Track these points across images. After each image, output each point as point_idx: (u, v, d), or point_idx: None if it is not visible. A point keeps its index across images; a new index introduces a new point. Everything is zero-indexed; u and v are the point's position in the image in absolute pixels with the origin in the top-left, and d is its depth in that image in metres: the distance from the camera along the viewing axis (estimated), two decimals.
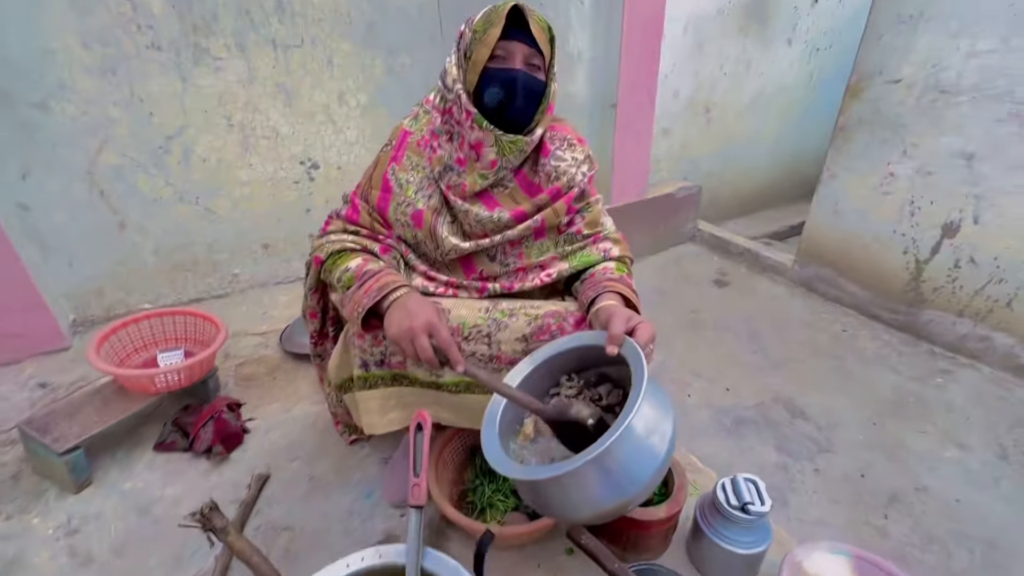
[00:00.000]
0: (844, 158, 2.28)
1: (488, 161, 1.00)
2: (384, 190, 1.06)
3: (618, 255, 1.12)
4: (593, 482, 0.71)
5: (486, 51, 0.94)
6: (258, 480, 1.29)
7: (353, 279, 0.98)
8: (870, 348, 2.12)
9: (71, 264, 1.77)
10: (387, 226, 1.09)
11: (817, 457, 1.59)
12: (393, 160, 1.06)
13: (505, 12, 0.93)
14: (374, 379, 1.09)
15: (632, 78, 2.50)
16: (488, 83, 0.96)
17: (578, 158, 1.09)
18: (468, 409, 1.11)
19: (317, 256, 1.06)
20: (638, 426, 0.72)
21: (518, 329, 1.02)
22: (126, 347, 1.49)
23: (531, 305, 1.05)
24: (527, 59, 0.97)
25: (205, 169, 1.87)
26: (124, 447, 1.41)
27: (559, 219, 1.08)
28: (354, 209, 1.09)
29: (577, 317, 1.03)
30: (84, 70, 1.59)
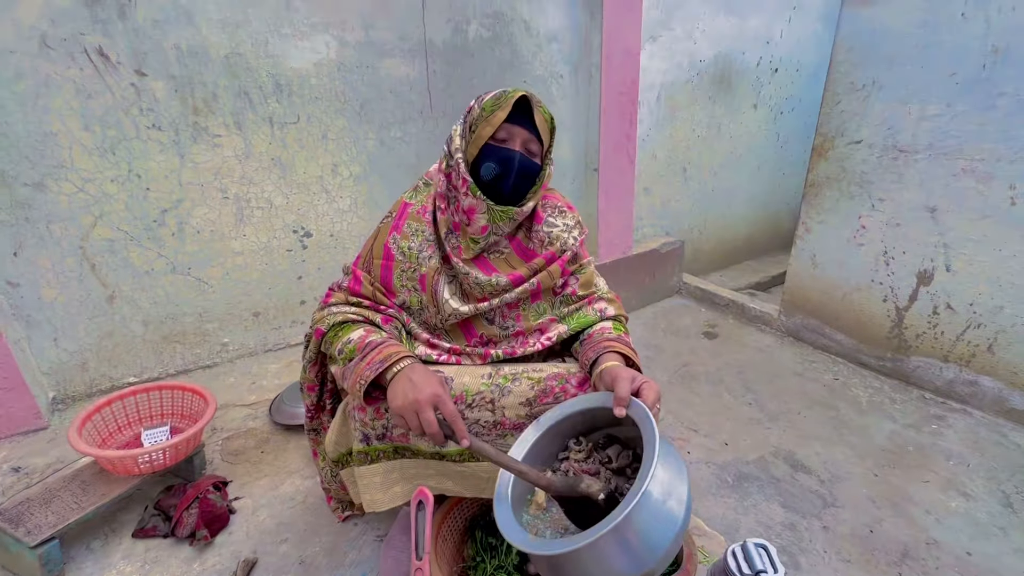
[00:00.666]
0: (817, 212, 2.39)
1: (479, 227, 1.05)
2: (386, 258, 1.08)
3: (613, 314, 1.15)
4: (612, 553, 0.69)
5: (490, 129, 1.00)
6: (244, 567, 1.22)
7: (355, 351, 0.98)
8: (863, 396, 2.13)
9: (56, 339, 1.73)
10: (390, 295, 1.09)
11: (823, 513, 1.55)
12: (394, 230, 1.09)
13: (514, 100, 1.00)
14: (375, 453, 1.06)
15: (612, 143, 2.64)
16: (487, 158, 1.02)
17: (569, 224, 1.14)
18: (474, 478, 1.09)
19: (318, 328, 1.06)
20: (655, 491, 0.71)
21: (521, 393, 1.02)
22: (109, 426, 1.43)
23: (533, 368, 1.06)
24: (526, 143, 1.04)
25: (199, 240, 1.89)
26: (100, 535, 1.32)
27: (554, 281, 1.12)
28: (356, 280, 1.10)
29: (579, 378, 1.04)
30: (83, 150, 1.63)
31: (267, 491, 1.49)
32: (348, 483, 1.15)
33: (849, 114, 2.18)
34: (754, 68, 3.38)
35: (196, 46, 1.71)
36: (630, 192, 2.84)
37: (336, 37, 1.95)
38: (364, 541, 1.32)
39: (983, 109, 1.81)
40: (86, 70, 1.57)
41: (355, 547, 1.31)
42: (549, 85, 2.52)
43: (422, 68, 2.14)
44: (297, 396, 1.78)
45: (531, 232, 1.13)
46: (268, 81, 1.86)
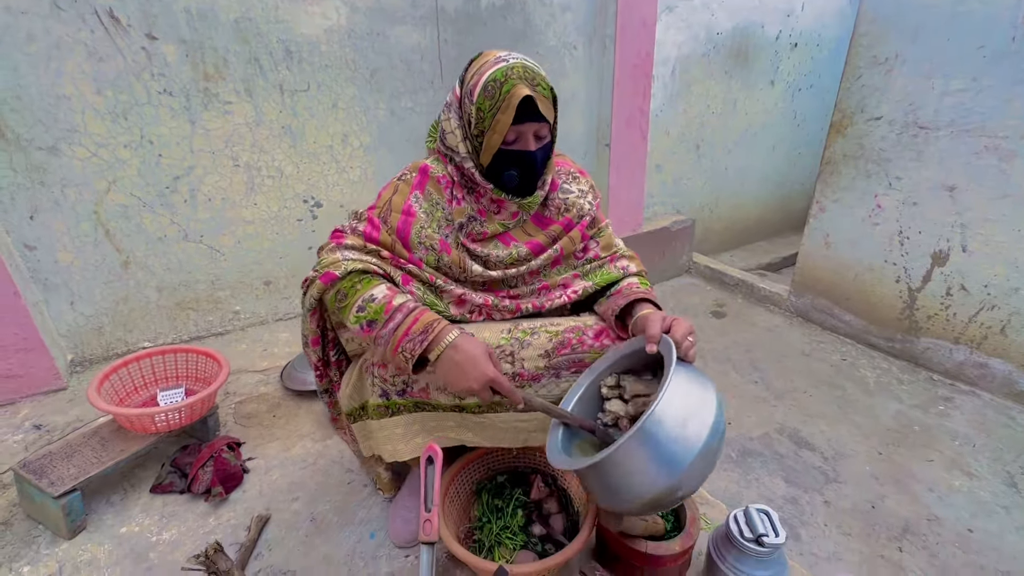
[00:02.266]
0: (832, 191, 2.35)
1: (510, 213, 1.06)
2: (406, 213, 1.01)
3: (636, 271, 1.17)
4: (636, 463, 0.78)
5: (498, 137, 0.94)
6: (258, 522, 1.26)
7: (381, 313, 0.92)
8: (870, 377, 2.13)
9: (72, 303, 1.77)
10: (407, 250, 1.02)
11: (826, 488, 1.57)
12: (417, 187, 1.03)
13: (516, 102, 0.90)
14: (395, 407, 1.08)
15: (624, 118, 2.60)
16: (504, 166, 0.98)
17: (583, 189, 1.14)
18: (492, 428, 1.10)
19: (330, 272, 0.94)
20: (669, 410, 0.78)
21: (540, 346, 1.04)
22: (126, 386, 1.47)
23: (551, 323, 1.07)
24: (537, 133, 0.98)
25: (211, 208, 1.90)
26: (119, 490, 1.37)
27: (576, 247, 1.12)
28: (373, 226, 1.01)
29: (596, 330, 1.06)
30: (96, 115, 1.63)
31: (279, 453, 1.52)
32: (360, 436, 1.15)
33: (870, 89, 2.12)
34: (773, 42, 3.28)
35: (206, 9, 1.70)
36: (642, 168, 2.81)
37: (346, 2, 1.92)
38: (374, 501, 1.36)
39: (1011, 83, 1.76)
40: (97, 32, 1.56)
41: (364, 506, 1.35)
42: (562, 56, 2.48)
43: (433, 36, 2.11)
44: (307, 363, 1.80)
45: (547, 200, 1.11)
46: (278, 47, 1.84)
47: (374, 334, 0.92)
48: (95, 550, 1.22)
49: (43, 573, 1.16)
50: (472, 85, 0.94)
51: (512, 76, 0.91)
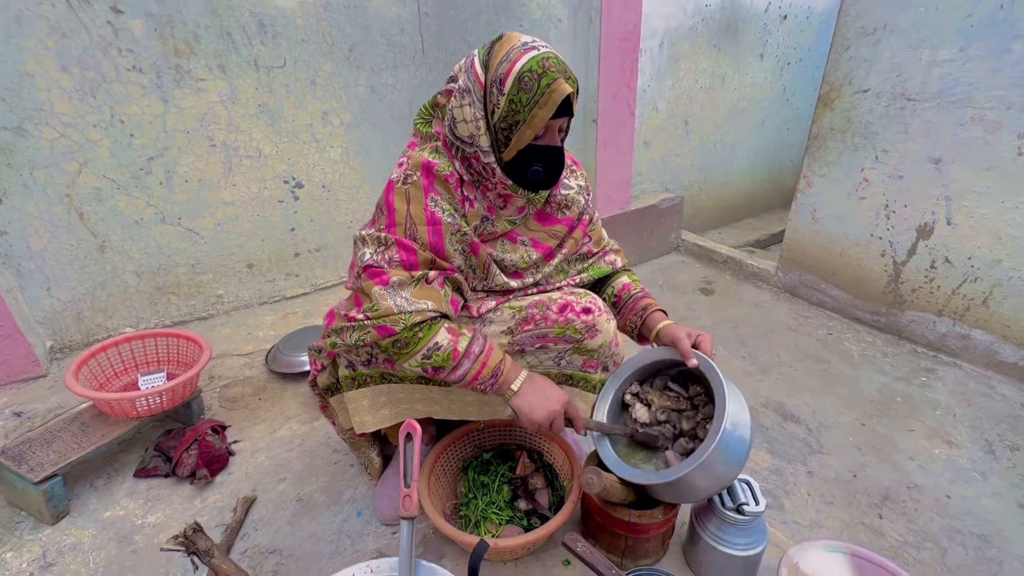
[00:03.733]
0: (819, 165, 2.34)
1: (516, 208, 1.05)
2: (432, 223, 0.96)
3: (622, 265, 1.26)
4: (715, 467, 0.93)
5: (531, 133, 0.91)
6: (244, 503, 1.26)
7: (448, 360, 0.94)
8: (855, 350, 2.15)
9: (48, 289, 1.73)
10: (443, 259, 0.98)
11: (809, 459, 1.59)
12: (430, 190, 0.96)
13: (559, 100, 0.89)
14: (362, 377, 1.08)
15: (612, 93, 2.56)
16: (530, 161, 0.95)
17: (581, 185, 1.16)
18: (460, 401, 1.12)
19: (388, 328, 0.91)
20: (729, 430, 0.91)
21: (503, 322, 1.05)
22: (105, 371, 1.45)
23: (515, 297, 1.09)
24: (562, 127, 0.98)
25: (187, 189, 1.86)
26: (103, 475, 1.36)
27: (579, 247, 1.19)
28: (407, 250, 0.95)
29: (560, 304, 1.06)
30: (63, 93, 1.57)
31: (265, 435, 1.52)
32: (339, 410, 1.17)
33: (858, 60, 2.10)
34: (762, 15, 3.23)
35: None
36: (630, 145, 2.78)
37: None
38: (360, 481, 1.36)
39: (998, 53, 1.74)
40: (59, 6, 1.50)
41: (351, 486, 1.35)
42: (547, 30, 2.42)
43: (413, 9, 2.05)
44: (293, 345, 1.79)
45: (549, 195, 1.11)
46: (251, 20, 1.78)
47: (441, 377, 0.97)
48: (79, 534, 1.21)
49: (26, 558, 1.15)
50: (503, 74, 0.89)
51: (551, 68, 0.88)
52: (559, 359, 1.10)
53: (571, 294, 1.09)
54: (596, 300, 1.10)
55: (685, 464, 0.92)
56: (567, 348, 1.09)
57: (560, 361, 1.11)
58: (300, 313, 2.14)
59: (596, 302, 1.09)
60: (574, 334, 1.07)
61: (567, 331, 1.06)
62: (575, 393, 1.15)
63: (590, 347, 1.09)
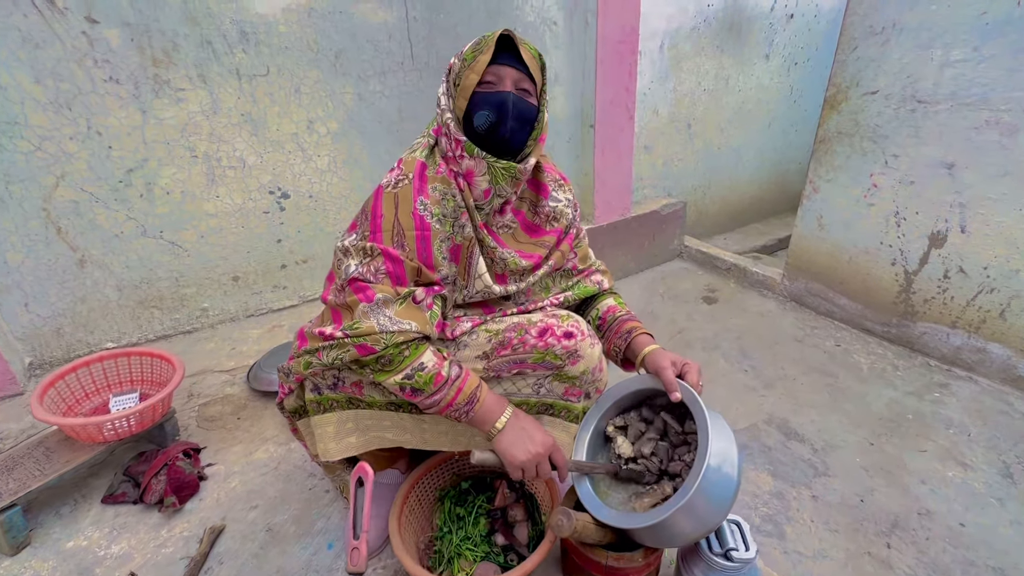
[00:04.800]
0: (826, 170, 2.25)
1: (480, 191, 0.96)
2: (421, 228, 0.92)
3: (608, 287, 1.22)
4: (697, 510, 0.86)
5: (475, 77, 0.91)
6: (211, 534, 1.20)
7: (430, 384, 0.90)
8: (864, 363, 2.05)
9: (27, 304, 1.70)
10: (431, 270, 0.94)
11: (814, 482, 1.50)
12: (419, 193, 0.93)
13: (495, 39, 0.91)
14: (327, 402, 1.02)
15: (609, 97, 2.48)
16: (478, 107, 0.93)
17: (569, 198, 1.13)
18: (432, 430, 1.05)
19: (368, 347, 0.87)
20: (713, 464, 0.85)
21: (478, 346, 0.99)
22: (75, 393, 1.41)
23: (493, 320, 1.03)
24: (517, 83, 0.94)
25: (169, 202, 1.82)
26: (70, 501, 1.31)
27: (565, 260, 1.14)
28: (393, 261, 0.90)
29: (540, 327, 1.00)
30: (37, 105, 1.54)
31: (240, 457, 1.47)
32: (306, 434, 1.11)
33: (865, 61, 2.01)
34: (768, 14, 3.14)
35: None
36: (629, 150, 2.70)
37: None
38: (333, 509, 1.30)
39: (1014, 52, 1.64)
40: (31, 16, 1.46)
41: (324, 515, 1.29)
42: (542, 33, 2.35)
43: (401, 14, 1.99)
44: (274, 362, 1.74)
45: (537, 206, 1.09)
46: (232, 28, 1.73)
47: (417, 400, 0.93)
48: (38, 567, 1.16)
49: None
50: (464, 47, 0.95)
51: (500, 31, 0.92)
52: (538, 386, 1.04)
53: (552, 316, 1.02)
54: (579, 323, 1.03)
55: (665, 507, 0.85)
56: (546, 375, 1.02)
57: (539, 389, 1.04)
58: (286, 327, 2.09)
59: (579, 325, 1.02)
60: (554, 360, 1.00)
61: (546, 357, 0.99)
62: (556, 423, 1.08)
63: (571, 374, 1.02)
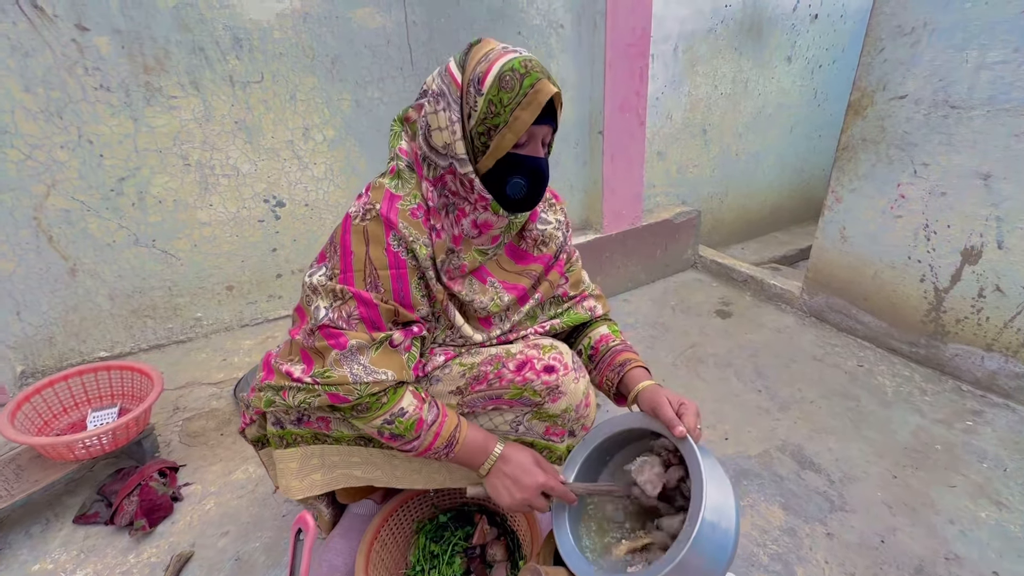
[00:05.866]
0: (849, 179, 2.11)
1: (490, 238, 0.90)
2: (396, 266, 0.85)
3: (602, 313, 1.13)
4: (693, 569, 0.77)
5: (512, 138, 0.80)
6: (177, 562, 1.15)
7: (411, 430, 0.85)
8: (889, 386, 1.91)
9: (18, 313, 1.69)
10: (409, 309, 0.87)
11: (829, 518, 1.38)
12: (390, 228, 0.84)
13: (544, 99, 0.78)
14: (291, 436, 0.95)
15: (619, 102, 2.39)
16: (511, 171, 0.83)
17: (560, 220, 1.05)
18: (404, 467, 0.98)
19: (340, 396, 0.82)
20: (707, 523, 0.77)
21: (451, 380, 0.91)
22: (52, 408, 1.38)
23: (468, 352, 0.94)
24: (545, 139, 0.87)
25: (161, 210, 1.79)
26: (42, 520, 1.28)
27: (555, 290, 1.06)
28: (366, 304, 0.83)
29: (519, 361, 0.91)
30: (27, 114, 1.53)
31: (219, 477, 1.42)
32: (269, 464, 1.04)
33: (893, 63, 1.87)
34: (790, 14, 2.99)
35: None
36: (640, 157, 2.59)
37: None
38: None
39: None
40: (20, 24, 1.45)
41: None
42: (547, 37, 2.27)
43: (400, 18, 1.94)
44: None
45: (524, 230, 0.99)
46: (225, 35, 1.70)
47: (396, 445, 0.88)
48: None
49: None
50: (481, 73, 0.79)
51: (533, 69, 0.79)
52: (516, 424, 0.95)
53: (534, 347, 0.94)
54: (562, 355, 0.94)
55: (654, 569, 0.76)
56: (525, 411, 0.94)
57: (517, 427, 0.95)
58: (280, 337, 2.05)
59: (562, 358, 0.94)
60: (533, 396, 0.91)
61: (524, 392, 0.91)
62: None
63: (551, 412, 0.94)
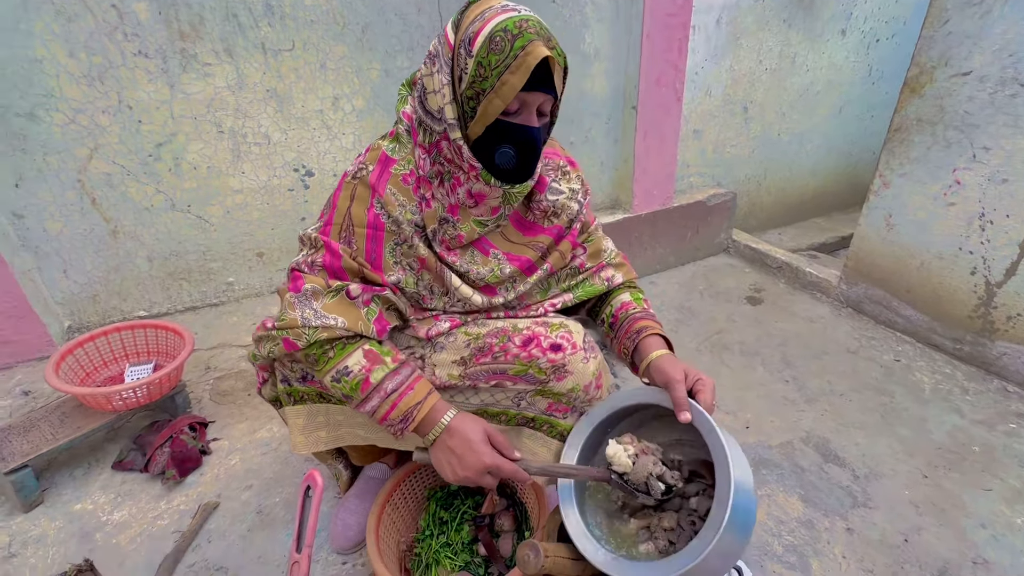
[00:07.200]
0: (900, 163, 1.98)
1: (489, 208, 0.87)
2: (373, 227, 0.85)
3: (622, 281, 1.06)
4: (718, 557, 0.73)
5: (500, 104, 0.76)
6: (203, 511, 1.21)
7: (357, 391, 0.83)
8: (927, 383, 1.82)
9: (65, 271, 1.78)
10: (378, 271, 0.86)
11: (851, 513, 1.34)
12: (375, 192, 0.84)
13: (533, 63, 0.74)
14: (298, 394, 0.98)
15: (655, 76, 2.29)
16: (499, 139, 0.80)
17: (575, 188, 0.98)
18: None
19: (290, 341, 0.81)
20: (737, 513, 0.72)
21: (455, 351, 0.91)
22: (93, 361, 1.46)
23: (475, 323, 0.93)
24: (541, 108, 0.82)
25: (196, 177, 1.84)
26: (84, 464, 1.37)
27: (565, 261, 1.00)
28: (333, 254, 0.84)
29: (525, 336, 0.90)
30: (71, 79, 1.58)
31: (244, 435, 1.48)
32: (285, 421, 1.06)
33: (959, 36, 1.72)
34: None
35: None
36: (675, 134, 2.50)
37: None
38: (325, 497, 1.28)
39: None
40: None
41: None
42: (583, 5, 2.19)
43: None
44: None
45: (532, 200, 0.94)
46: (257, 2, 1.70)
47: (352, 407, 0.87)
48: (46, 525, 1.22)
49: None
50: (473, 33, 0.76)
51: (528, 30, 0.74)
52: (518, 399, 0.95)
53: (542, 324, 0.92)
54: (572, 334, 0.92)
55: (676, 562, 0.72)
56: (528, 389, 0.93)
57: (520, 402, 0.95)
58: None
59: (571, 336, 0.92)
60: (538, 374, 0.90)
61: (529, 370, 0.90)
62: (536, 438, 0.98)
63: (556, 391, 0.92)
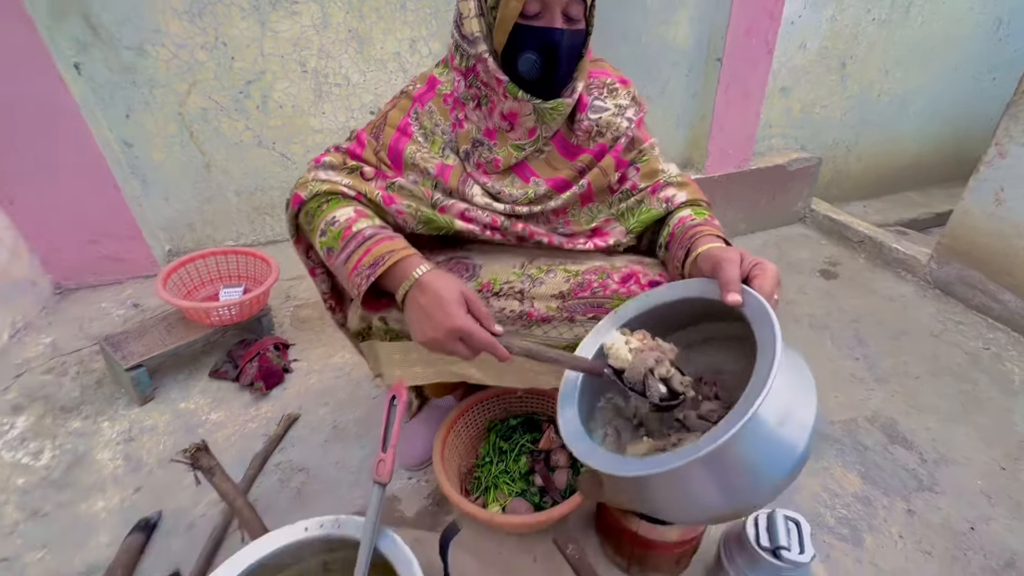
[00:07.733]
0: (1022, 131, 1.77)
1: (526, 130, 0.87)
2: (402, 131, 0.90)
3: (686, 199, 0.93)
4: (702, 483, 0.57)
5: (517, 5, 0.75)
6: (287, 420, 1.35)
7: (338, 239, 0.81)
8: (1018, 374, 1.69)
9: (167, 199, 1.95)
10: (397, 169, 0.91)
11: (914, 496, 1.30)
12: (416, 102, 0.91)
13: None
14: (395, 332, 1.01)
15: (745, 25, 2.13)
16: (521, 46, 0.79)
17: (622, 104, 0.92)
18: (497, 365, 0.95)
19: (297, 195, 0.87)
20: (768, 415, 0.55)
21: (555, 285, 0.90)
22: (193, 280, 1.62)
23: (572, 260, 0.93)
24: (566, 9, 0.79)
25: (281, 115, 1.93)
26: (186, 370, 1.54)
27: (608, 179, 0.92)
28: (359, 143, 0.93)
29: (624, 273, 0.89)
30: (174, 14, 1.67)
31: (321, 359, 1.61)
32: (368, 355, 1.10)
33: None
34: None
35: None
36: (760, 91, 2.34)
37: None
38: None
39: None
40: None
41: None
42: None
43: None
44: None
45: (575, 122, 0.91)
46: None
47: (330, 263, 0.84)
48: (157, 418, 1.40)
49: (117, 429, 1.36)
50: None
51: None
52: None
53: (638, 263, 0.93)
54: (667, 273, 0.92)
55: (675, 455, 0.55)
56: None
57: None
58: None
59: (668, 276, 0.91)
60: None
61: None
62: None
63: None
